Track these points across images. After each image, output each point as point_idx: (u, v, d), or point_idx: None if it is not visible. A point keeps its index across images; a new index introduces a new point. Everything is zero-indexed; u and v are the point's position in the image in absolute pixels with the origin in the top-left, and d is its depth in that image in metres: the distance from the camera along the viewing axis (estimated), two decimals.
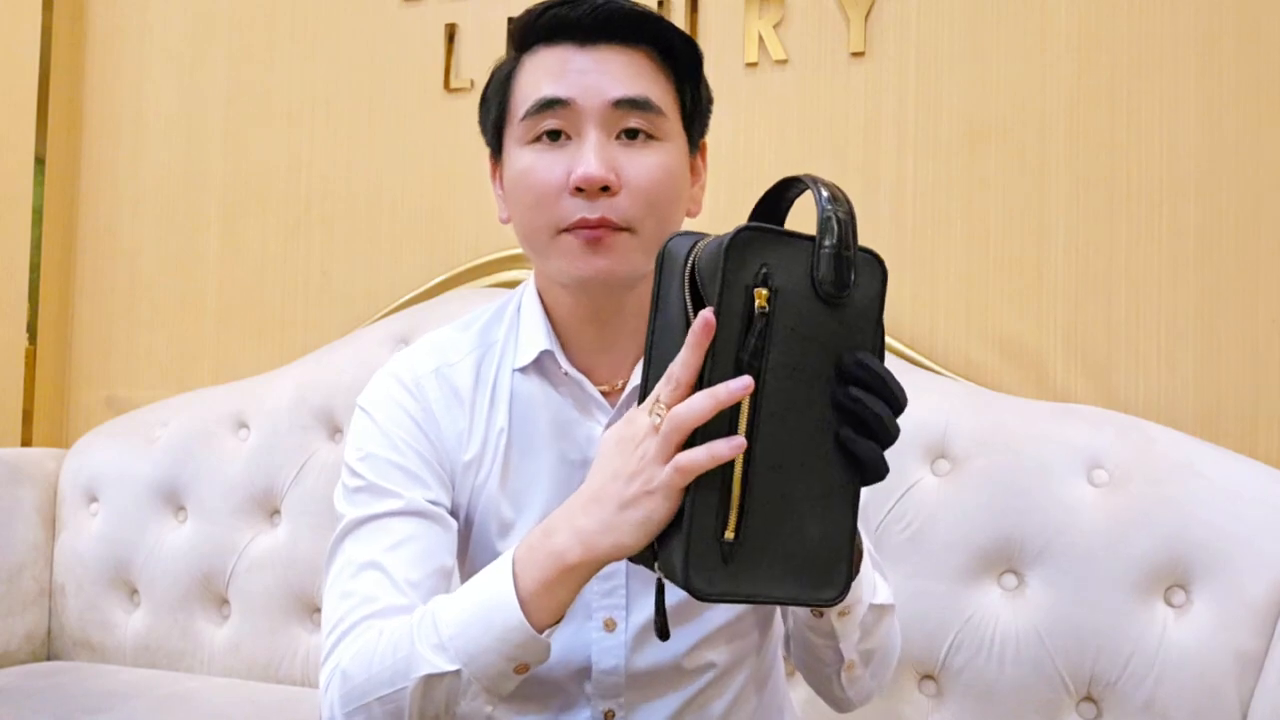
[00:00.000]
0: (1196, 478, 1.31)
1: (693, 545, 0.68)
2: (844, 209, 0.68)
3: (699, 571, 0.68)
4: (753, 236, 0.68)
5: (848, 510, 0.70)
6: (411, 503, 0.93)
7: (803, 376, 0.68)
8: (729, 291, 0.67)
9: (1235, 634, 1.24)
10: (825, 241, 0.68)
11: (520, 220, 0.94)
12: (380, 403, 0.98)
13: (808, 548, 0.69)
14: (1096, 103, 1.54)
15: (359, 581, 0.89)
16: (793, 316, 0.68)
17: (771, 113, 1.69)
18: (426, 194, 1.88)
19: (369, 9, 1.94)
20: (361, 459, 0.95)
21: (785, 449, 0.68)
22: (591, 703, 0.97)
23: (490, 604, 0.79)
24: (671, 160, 0.92)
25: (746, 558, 0.69)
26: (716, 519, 0.68)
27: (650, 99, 0.91)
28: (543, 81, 0.91)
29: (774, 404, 0.68)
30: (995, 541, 1.36)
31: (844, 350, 0.69)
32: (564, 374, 0.96)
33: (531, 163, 0.91)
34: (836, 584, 0.70)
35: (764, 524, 0.69)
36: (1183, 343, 1.48)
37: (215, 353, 2.03)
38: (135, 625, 1.82)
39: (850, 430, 0.69)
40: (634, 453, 0.72)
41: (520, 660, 0.79)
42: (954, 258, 1.59)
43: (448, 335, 1.03)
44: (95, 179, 2.13)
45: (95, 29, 2.14)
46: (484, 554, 0.98)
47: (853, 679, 0.94)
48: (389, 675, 0.81)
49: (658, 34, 0.92)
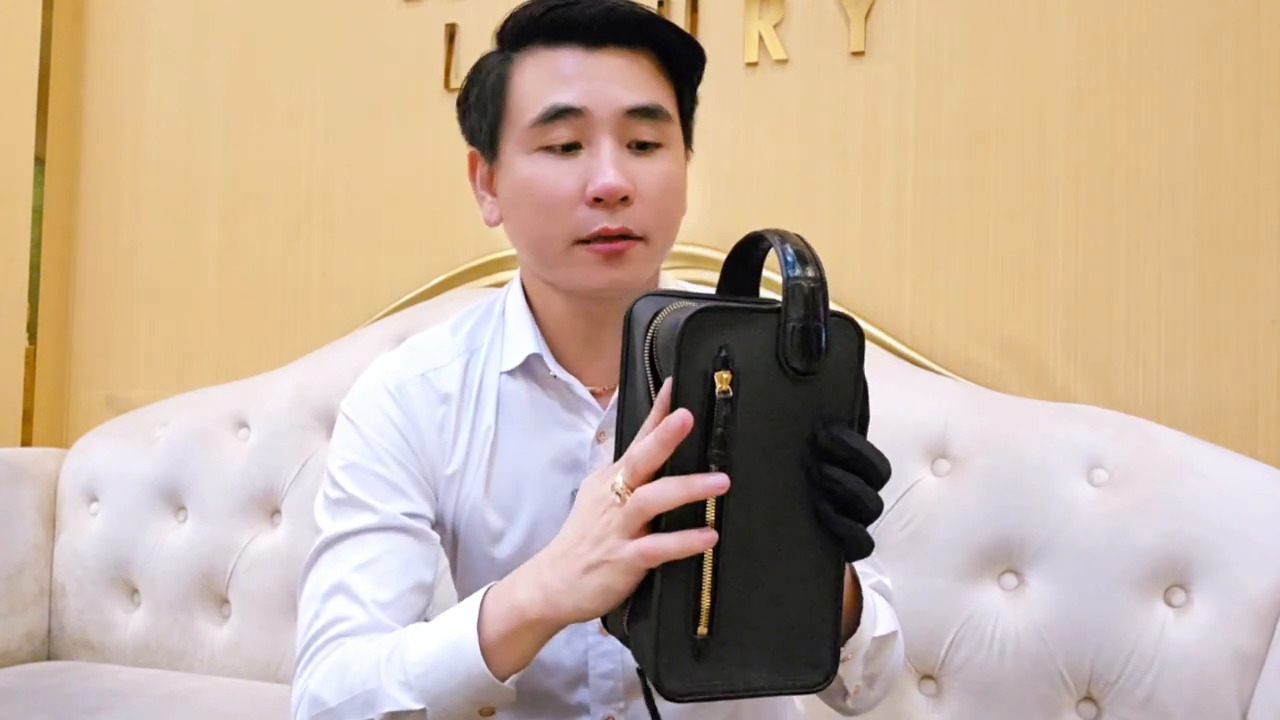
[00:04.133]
0: (1196, 477, 1.31)
1: (662, 644, 0.65)
2: (811, 273, 0.63)
3: (670, 672, 0.65)
4: (706, 319, 0.63)
5: (829, 589, 0.67)
6: (388, 517, 0.92)
7: (775, 457, 0.64)
8: (686, 377, 0.63)
9: (1235, 633, 1.24)
10: (791, 314, 0.63)
11: (527, 228, 0.91)
12: (364, 410, 0.97)
13: (788, 633, 0.66)
14: (1096, 103, 1.54)
15: (330, 603, 0.89)
16: (759, 396, 0.63)
17: (771, 113, 1.69)
18: (426, 194, 1.88)
19: (369, 9, 1.94)
20: (343, 468, 0.95)
21: (759, 534, 0.65)
22: (591, 710, 0.96)
23: (455, 647, 0.78)
24: (677, 167, 0.92)
25: (721, 651, 0.65)
26: (687, 614, 0.65)
27: (662, 106, 0.90)
28: (551, 87, 0.88)
29: (744, 491, 0.64)
30: (995, 541, 1.37)
31: (819, 424, 0.64)
32: (552, 376, 0.95)
33: (541, 171, 0.89)
34: (821, 667, 0.67)
35: (738, 615, 0.65)
36: (1183, 343, 1.48)
37: (215, 353, 2.03)
38: (135, 625, 1.82)
39: (829, 508, 0.65)
40: (601, 517, 0.70)
41: (484, 704, 0.79)
42: (954, 258, 1.59)
43: (435, 338, 1.02)
44: (95, 179, 2.13)
45: (95, 29, 2.14)
46: (478, 562, 0.98)
47: (858, 697, 0.92)
48: (358, 705, 0.81)
49: (661, 36, 0.90)
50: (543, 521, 0.95)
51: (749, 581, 0.65)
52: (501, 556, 0.96)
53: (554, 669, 0.96)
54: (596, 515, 0.71)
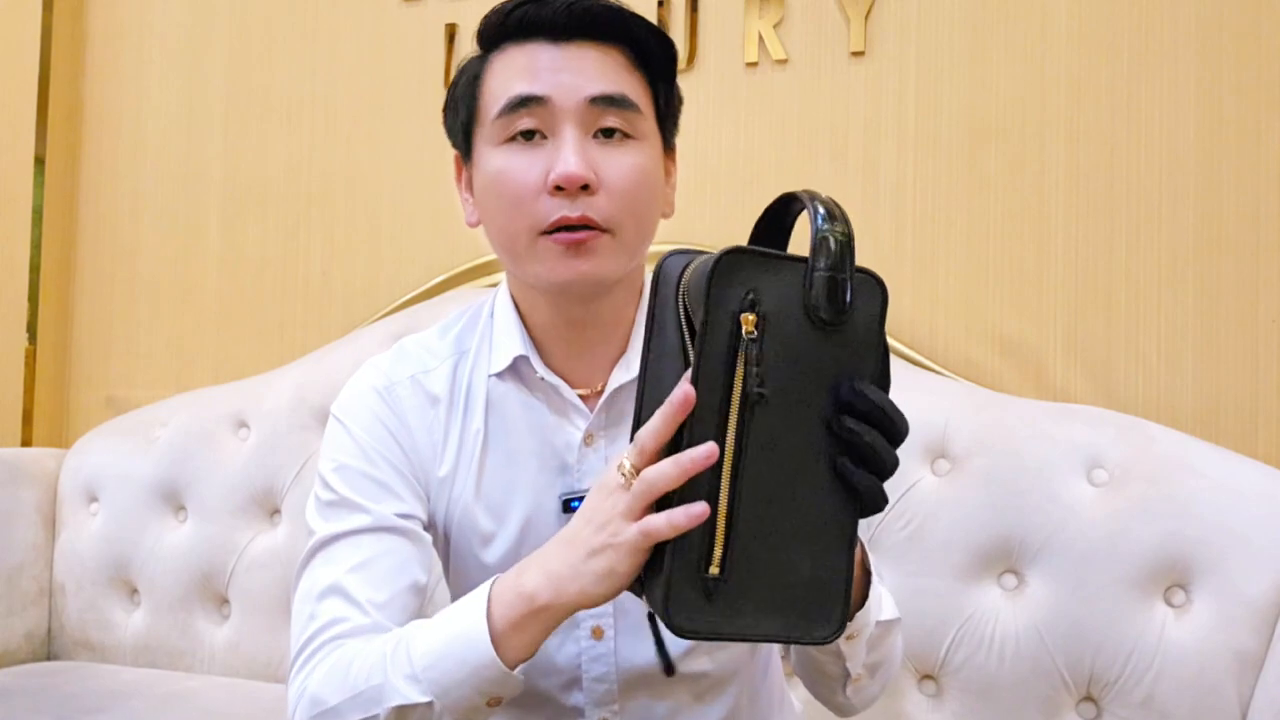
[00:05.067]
0: (1196, 477, 1.31)
1: (674, 581, 0.65)
2: (841, 228, 0.65)
3: (680, 608, 0.65)
4: (739, 259, 0.65)
5: (844, 544, 0.67)
6: (380, 518, 0.92)
7: (796, 405, 0.65)
8: (715, 317, 0.64)
9: (1235, 633, 1.24)
10: (819, 264, 0.64)
11: (496, 224, 0.91)
12: (355, 412, 0.97)
13: (800, 583, 0.66)
14: (1096, 103, 1.54)
15: (325, 604, 0.88)
16: (783, 342, 0.65)
17: (771, 113, 1.69)
18: (426, 194, 1.88)
19: (369, 9, 1.94)
20: (335, 469, 0.95)
21: (775, 481, 0.65)
22: (586, 712, 0.96)
23: (463, 638, 0.78)
24: (648, 160, 0.91)
25: (732, 594, 0.66)
26: (700, 554, 0.65)
27: (628, 96, 0.89)
28: (515, 79, 0.89)
29: (763, 434, 0.65)
30: (995, 541, 1.36)
31: (842, 377, 0.66)
32: (539, 379, 0.95)
33: (506, 163, 0.89)
34: (831, 622, 0.67)
35: (751, 559, 0.65)
36: (1183, 343, 1.48)
37: (215, 353, 2.03)
38: (135, 625, 1.82)
39: (848, 461, 0.66)
40: (607, 501, 0.71)
41: (492, 694, 0.79)
42: (954, 258, 1.59)
43: (424, 341, 1.02)
44: (95, 179, 2.13)
45: (95, 29, 2.14)
46: (468, 564, 0.97)
47: (858, 689, 0.93)
48: (362, 702, 0.81)
49: (632, 32, 0.90)
50: (532, 524, 0.95)
51: (764, 528, 0.66)
52: (491, 561, 0.96)
53: (549, 671, 0.96)
54: (603, 500, 0.71)
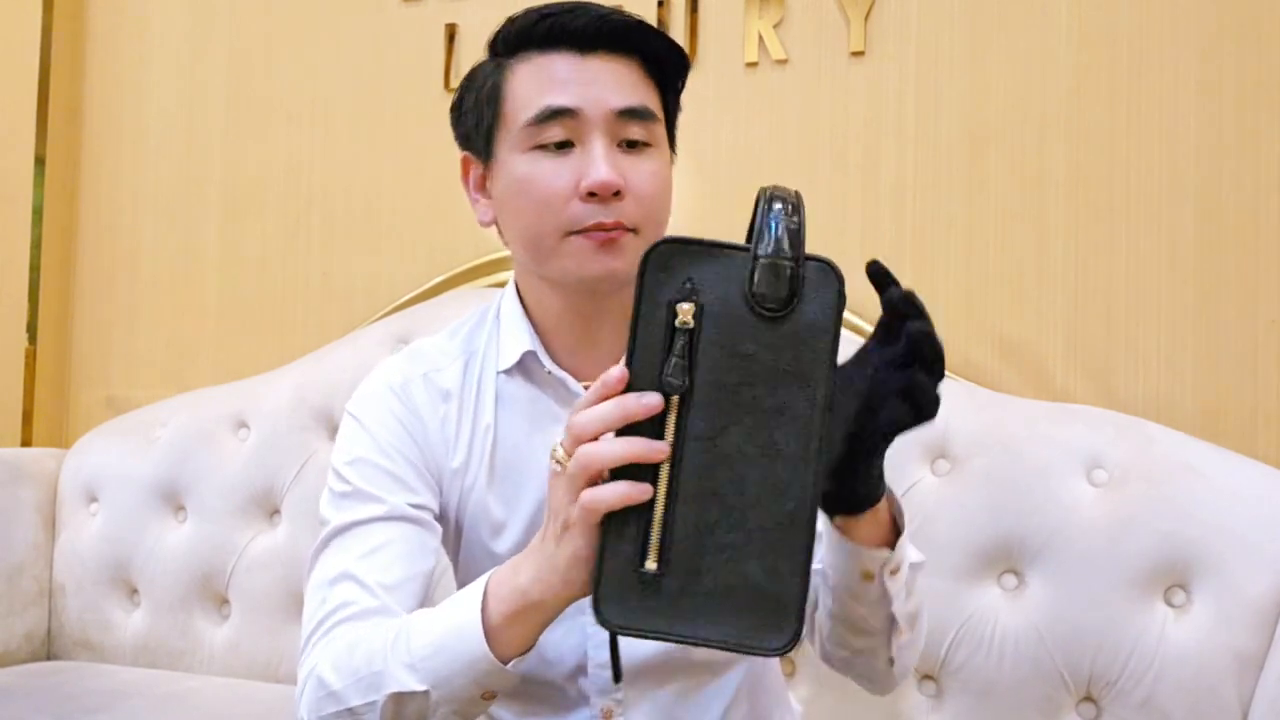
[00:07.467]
0: (1196, 477, 1.31)
1: (606, 571, 0.64)
2: (787, 214, 0.63)
3: (610, 600, 0.63)
4: (673, 249, 0.64)
5: (799, 546, 0.63)
6: (394, 508, 0.94)
7: (742, 398, 0.63)
8: (646, 308, 0.64)
9: (1235, 634, 1.24)
10: (759, 250, 0.63)
11: (521, 224, 0.95)
12: (369, 408, 1.00)
13: (750, 588, 0.63)
14: (1096, 103, 1.54)
15: (336, 589, 0.91)
16: (724, 333, 0.63)
17: (771, 113, 1.69)
18: (426, 194, 1.88)
19: (369, 9, 1.94)
20: (349, 463, 0.97)
21: (720, 477, 0.63)
22: (590, 701, 0.98)
23: (459, 631, 0.79)
24: (665, 166, 0.97)
25: (673, 593, 0.63)
26: (636, 547, 0.63)
27: (649, 108, 0.94)
28: (546, 90, 0.92)
29: (702, 426, 0.63)
30: (995, 541, 1.36)
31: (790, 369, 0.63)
32: (547, 373, 0.98)
33: (534, 169, 0.93)
34: (784, 632, 0.63)
35: (694, 557, 0.63)
36: (1183, 343, 1.48)
37: (215, 353, 2.02)
38: (135, 625, 1.82)
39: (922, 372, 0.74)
40: (554, 486, 0.72)
41: (487, 688, 0.80)
42: (954, 258, 1.59)
43: (434, 343, 1.05)
44: (95, 179, 2.13)
45: (95, 29, 2.14)
46: (478, 555, 0.99)
47: (901, 645, 0.92)
48: (363, 687, 0.83)
49: (651, 44, 0.95)
50: (542, 514, 0.96)
51: (707, 525, 0.63)
52: (502, 550, 0.98)
53: (554, 660, 0.97)
54: (552, 488, 0.73)
